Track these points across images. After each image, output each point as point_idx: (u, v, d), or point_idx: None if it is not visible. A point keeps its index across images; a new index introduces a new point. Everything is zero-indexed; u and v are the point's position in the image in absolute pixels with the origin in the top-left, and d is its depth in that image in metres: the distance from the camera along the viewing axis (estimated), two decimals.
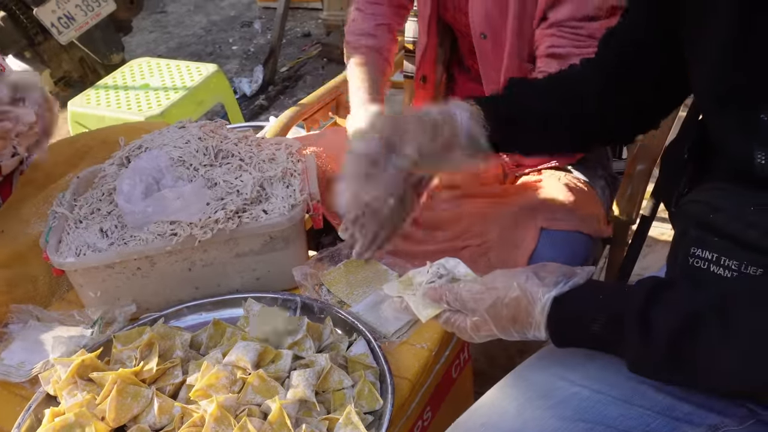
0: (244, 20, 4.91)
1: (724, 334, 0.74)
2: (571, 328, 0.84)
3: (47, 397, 1.07)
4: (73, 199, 1.31)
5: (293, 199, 1.21)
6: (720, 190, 0.88)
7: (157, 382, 1.04)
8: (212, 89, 2.75)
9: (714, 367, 0.75)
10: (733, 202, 0.86)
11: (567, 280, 0.86)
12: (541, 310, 0.84)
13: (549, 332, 0.85)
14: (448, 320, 0.93)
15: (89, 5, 3.32)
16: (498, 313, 0.87)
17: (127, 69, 2.87)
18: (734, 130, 0.86)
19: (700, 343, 0.75)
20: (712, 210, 0.87)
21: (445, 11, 1.55)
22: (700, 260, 0.88)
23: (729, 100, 0.87)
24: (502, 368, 1.01)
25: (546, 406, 0.86)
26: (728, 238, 0.85)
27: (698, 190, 0.92)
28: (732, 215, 0.85)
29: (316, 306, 1.16)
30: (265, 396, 0.97)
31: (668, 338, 0.76)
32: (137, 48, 4.65)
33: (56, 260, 1.17)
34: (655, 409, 0.85)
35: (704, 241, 0.87)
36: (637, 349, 0.79)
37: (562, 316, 0.84)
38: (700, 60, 0.91)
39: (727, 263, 0.85)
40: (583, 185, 1.46)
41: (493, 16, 1.40)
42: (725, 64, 0.86)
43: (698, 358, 0.76)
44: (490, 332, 0.89)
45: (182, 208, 1.15)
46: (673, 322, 0.76)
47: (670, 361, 0.77)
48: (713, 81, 0.89)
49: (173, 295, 1.23)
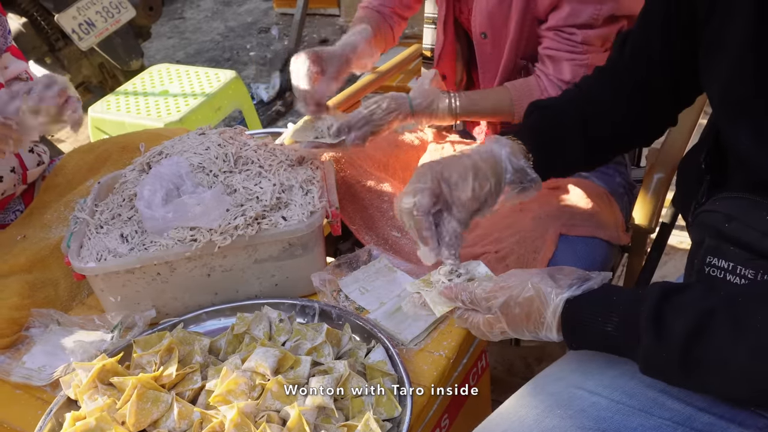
0: (261, 26, 4.94)
1: (735, 332, 0.74)
2: (585, 329, 0.85)
3: (68, 401, 1.08)
4: (94, 204, 1.32)
5: (312, 206, 1.22)
6: (736, 200, 0.88)
7: (177, 387, 1.05)
8: (231, 95, 2.76)
9: (725, 365, 0.75)
10: (749, 212, 0.86)
11: (581, 283, 0.86)
12: (553, 311, 0.85)
13: (563, 334, 0.86)
14: (462, 316, 0.94)
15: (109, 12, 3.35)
16: (511, 311, 0.87)
17: (147, 75, 2.90)
18: (750, 141, 0.86)
19: (712, 342, 0.75)
20: (728, 219, 0.87)
21: (460, 14, 1.57)
22: (716, 269, 0.88)
23: (744, 110, 0.87)
24: (520, 376, 1.01)
25: (565, 415, 0.86)
26: (744, 248, 0.85)
27: (714, 200, 0.92)
28: (748, 224, 0.85)
29: (334, 312, 1.17)
30: (284, 402, 0.97)
31: (682, 338, 0.76)
32: (156, 54, 4.69)
33: (77, 265, 1.18)
34: (674, 419, 0.85)
35: (720, 250, 0.88)
36: (652, 349, 0.79)
37: (576, 317, 0.84)
38: (715, 72, 0.92)
39: (743, 272, 0.86)
40: (602, 192, 1.46)
41: (495, 16, 1.43)
42: (741, 75, 0.86)
43: (710, 357, 0.76)
44: (503, 330, 0.89)
45: (202, 214, 1.16)
46: (687, 322, 0.76)
47: (683, 361, 0.77)
48: (728, 92, 0.89)
49: (192, 300, 1.24)
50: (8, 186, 1.46)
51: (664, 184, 1.44)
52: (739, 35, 0.85)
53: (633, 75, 1.08)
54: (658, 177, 1.44)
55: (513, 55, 1.46)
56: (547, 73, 1.40)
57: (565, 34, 1.37)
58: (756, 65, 0.84)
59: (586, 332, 0.85)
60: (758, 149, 0.85)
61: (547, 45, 1.39)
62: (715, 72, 0.91)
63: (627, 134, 1.14)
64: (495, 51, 1.48)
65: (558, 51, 1.38)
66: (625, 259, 1.55)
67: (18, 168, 1.47)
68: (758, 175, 0.85)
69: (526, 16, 1.40)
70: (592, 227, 1.36)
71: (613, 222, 1.41)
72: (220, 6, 5.41)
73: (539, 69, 1.42)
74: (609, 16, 1.34)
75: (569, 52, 1.37)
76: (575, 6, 1.33)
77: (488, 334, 0.91)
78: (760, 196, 0.86)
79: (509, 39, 1.44)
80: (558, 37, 1.37)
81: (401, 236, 1.46)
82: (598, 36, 1.35)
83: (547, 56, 1.40)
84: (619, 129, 1.12)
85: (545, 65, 1.41)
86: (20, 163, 1.47)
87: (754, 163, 0.86)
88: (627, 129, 1.13)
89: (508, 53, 1.46)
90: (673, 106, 1.11)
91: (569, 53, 1.37)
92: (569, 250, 1.31)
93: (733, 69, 0.87)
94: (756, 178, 0.86)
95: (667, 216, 1.48)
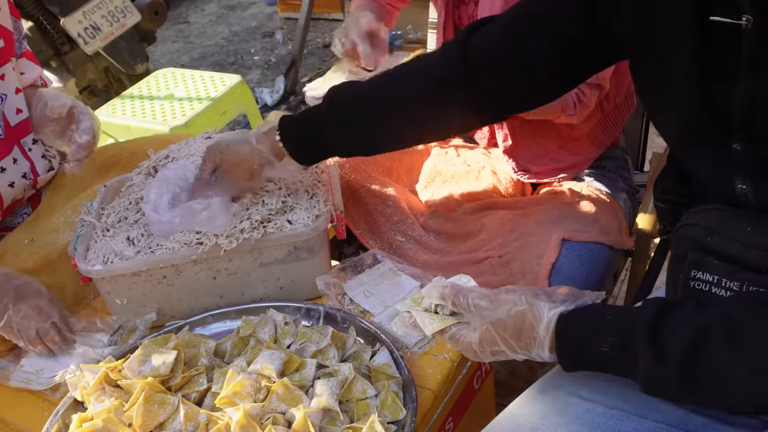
0: (265, 31, 4.96)
1: (732, 350, 0.74)
2: (580, 349, 0.83)
3: (74, 402, 1.09)
4: (101, 207, 1.33)
5: (317, 210, 1.22)
6: (715, 211, 0.88)
7: (183, 390, 1.06)
8: (236, 100, 2.78)
9: (724, 383, 0.75)
10: (730, 224, 0.85)
11: (574, 299, 0.85)
12: (546, 326, 0.83)
13: (557, 355, 0.84)
14: (454, 336, 0.91)
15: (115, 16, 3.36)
16: (503, 326, 0.85)
17: (152, 79, 2.91)
18: (710, 166, 0.86)
19: (710, 360, 0.75)
20: (709, 232, 0.87)
21: (459, 20, 1.57)
22: (701, 282, 0.88)
23: (701, 137, 0.87)
24: (523, 379, 1.01)
25: (561, 423, 0.87)
26: (728, 260, 0.85)
27: (693, 212, 0.91)
28: (730, 237, 0.85)
29: (339, 315, 1.17)
30: (290, 404, 0.98)
31: (679, 357, 0.76)
32: (161, 58, 4.71)
33: (84, 268, 1.19)
34: (668, 422, 0.85)
35: (704, 264, 0.87)
36: (651, 369, 0.78)
37: (570, 335, 0.83)
38: (669, 101, 0.90)
39: (729, 285, 0.85)
40: (605, 197, 1.46)
41: None
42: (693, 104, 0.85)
43: (709, 375, 0.76)
44: (496, 348, 0.87)
45: (209, 220, 1.17)
46: (683, 339, 0.76)
47: (682, 380, 0.77)
48: (684, 121, 0.88)
49: (198, 303, 1.25)
50: (18, 192, 1.47)
51: None
52: (684, 66, 0.84)
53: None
54: None
55: None
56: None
57: None
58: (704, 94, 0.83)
59: (582, 352, 0.83)
60: (717, 175, 0.85)
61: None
62: (669, 101, 0.90)
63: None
64: None
65: None
66: (629, 263, 1.56)
67: (29, 173, 1.48)
68: (725, 196, 0.85)
69: None
70: (596, 232, 1.36)
71: (617, 227, 1.42)
72: (225, 10, 5.43)
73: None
74: None
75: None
76: None
77: (480, 353, 0.89)
78: (740, 207, 0.85)
79: None
80: None
81: (405, 240, 1.47)
82: None
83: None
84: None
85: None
86: (32, 168, 1.48)
87: (718, 186, 0.86)
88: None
89: None
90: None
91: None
92: (573, 256, 1.32)
93: (684, 99, 0.86)
94: (724, 198, 0.86)
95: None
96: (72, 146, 1.40)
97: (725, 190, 0.85)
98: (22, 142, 1.46)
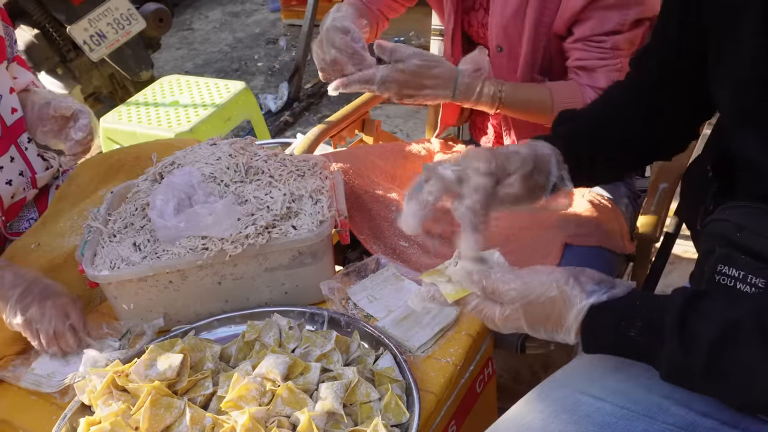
0: (269, 37, 4.98)
1: (764, 345, 0.74)
2: (606, 333, 0.84)
3: (82, 406, 1.10)
4: (108, 213, 1.35)
5: (321, 215, 1.24)
6: (745, 209, 0.89)
7: (189, 393, 1.07)
8: (240, 106, 2.80)
9: (751, 377, 0.76)
10: (760, 221, 0.87)
11: (607, 289, 0.85)
12: (576, 315, 0.84)
13: (581, 336, 0.85)
14: (477, 307, 0.90)
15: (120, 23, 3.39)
16: (532, 309, 0.86)
17: (158, 86, 2.93)
18: (758, 147, 0.87)
19: (739, 354, 0.75)
20: (739, 228, 0.88)
21: (469, 27, 1.58)
22: (726, 278, 0.89)
23: (752, 117, 0.88)
24: (526, 384, 1.02)
25: (571, 420, 0.87)
26: (756, 256, 0.86)
27: (724, 208, 0.92)
28: (759, 233, 0.86)
29: (343, 320, 1.19)
30: (294, 408, 0.99)
31: (708, 347, 0.76)
32: (165, 65, 4.73)
33: (91, 273, 1.21)
34: (677, 424, 0.86)
35: (731, 259, 0.88)
36: (675, 355, 0.79)
37: (598, 323, 0.84)
38: (724, 81, 0.93)
39: (754, 281, 0.86)
40: (607, 202, 1.47)
41: (510, 29, 1.44)
42: (749, 83, 0.87)
43: (736, 369, 0.76)
44: (519, 326, 0.88)
45: (214, 224, 1.18)
46: (712, 331, 0.76)
47: (708, 370, 0.77)
48: (737, 100, 0.91)
49: (204, 308, 1.27)
50: (18, 189, 1.50)
51: (668, 193, 1.46)
52: (747, 44, 0.86)
53: (651, 89, 1.09)
54: (663, 187, 1.46)
55: (528, 69, 1.46)
56: (582, 84, 1.39)
57: (593, 43, 1.36)
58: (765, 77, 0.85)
59: (608, 336, 0.84)
60: (766, 156, 0.86)
61: (578, 56, 1.39)
62: (724, 79, 0.93)
63: (649, 149, 1.15)
64: (510, 65, 1.48)
65: (589, 60, 1.37)
66: (630, 268, 1.57)
67: (27, 171, 1.51)
68: (759, 186, 0.87)
69: (539, 30, 1.40)
70: (597, 237, 1.37)
71: (618, 231, 1.43)
72: (229, 17, 5.46)
73: (575, 81, 1.41)
74: (635, 20, 1.33)
75: (600, 59, 1.36)
76: (601, 15, 1.33)
77: (501, 327, 0.90)
78: None
79: (524, 51, 1.44)
80: (587, 46, 1.37)
81: (408, 245, 1.48)
82: (626, 40, 1.35)
83: (579, 67, 1.39)
84: (641, 144, 1.12)
85: (579, 76, 1.40)
86: (29, 166, 1.52)
87: (764, 172, 0.87)
88: (648, 144, 1.13)
89: (523, 67, 1.46)
90: (691, 117, 1.12)
91: (601, 60, 1.36)
92: (574, 260, 1.33)
93: (741, 76, 0.88)
94: (765, 184, 0.87)
95: (671, 225, 1.49)
96: (69, 143, 1.48)
97: None
98: (18, 141, 1.50)
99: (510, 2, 1.40)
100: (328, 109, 3.85)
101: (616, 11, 1.33)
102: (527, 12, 1.39)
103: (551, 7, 1.37)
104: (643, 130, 1.11)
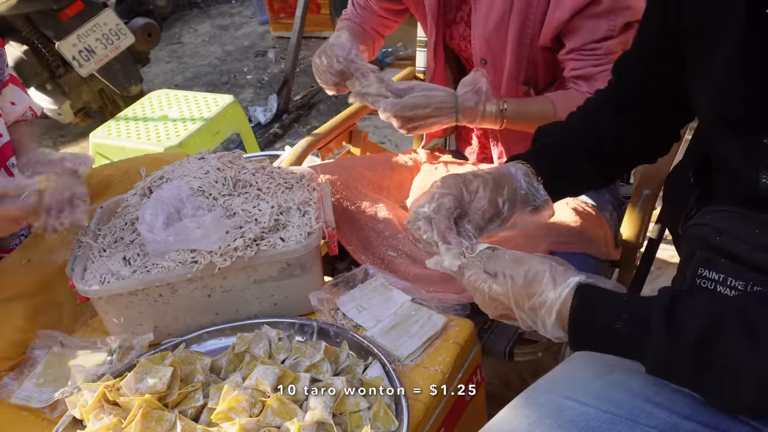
0: (258, 50, 5.00)
1: (750, 341, 0.76)
2: (592, 325, 0.86)
3: (73, 421, 1.10)
4: (98, 228, 1.35)
5: (309, 227, 1.25)
6: (724, 213, 0.91)
7: (179, 406, 1.07)
8: (229, 120, 2.81)
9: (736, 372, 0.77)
10: (738, 224, 0.89)
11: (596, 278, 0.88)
12: (560, 292, 0.86)
13: (568, 325, 0.87)
14: (471, 278, 0.94)
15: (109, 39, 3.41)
16: (518, 279, 0.89)
17: (147, 101, 2.95)
18: (739, 154, 0.89)
19: (724, 347, 0.77)
20: (718, 233, 0.90)
21: (450, 40, 1.60)
22: (707, 281, 0.91)
23: (733, 126, 0.90)
24: (515, 390, 1.02)
25: (555, 425, 0.88)
26: (734, 260, 0.88)
27: (704, 213, 0.94)
28: (737, 237, 0.88)
29: (332, 330, 1.20)
30: (284, 418, 1.00)
31: (694, 338, 0.78)
32: (154, 78, 4.74)
33: (82, 288, 1.21)
34: (660, 427, 0.87)
35: (712, 263, 0.90)
36: (663, 347, 0.80)
37: (584, 310, 0.86)
38: (703, 87, 0.95)
39: (734, 284, 0.88)
40: (591, 209, 1.49)
41: (494, 42, 1.45)
42: (729, 94, 0.89)
43: (721, 362, 0.78)
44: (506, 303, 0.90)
45: (203, 237, 1.19)
46: (699, 323, 0.78)
47: (694, 361, 0.79)
48: (716, 108, 0.92)
49: (194, 320, 1.27)
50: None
51: (651, 199, 1.47)
52: (727, 55, 0.88)
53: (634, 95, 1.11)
54: (646, 193, 1.48)
55: (513, 81, 1.48)
56: (583, 92, 1.40)
57: (587, 52, 1.38)
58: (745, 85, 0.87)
59: (594, 328, 0.86)
60: (747, 164, 0.88)
61: (573, 67, 1.41)
62: (704, 88, 0.94)
63: (631, 153, 1.17)
64: (495, 77, 1.50)
65: (586, 68, 1.39)
66: (616, 274, 1.59)
67: None
68: (747, 187, 0.88)
69: (522, 42, 1.42)
70: (582, 244, 1.39)
71: (603, 238, 1.45)
72: (218, 30, 5.48)
73: (574, 90, 1.43)
74: (625, 24, 1.35)
75: (596, 65, 1.38)
76: (590, 24, 1.35)
77: (489, 304, 0.93)
78: (749, 209, 0.88)
79: (508, 63, 1.46)
80: (581, 56, 1.39)
81: (396, 255, 1.49)
82: (619, 43, 1.37)
83: (577, 77, 1.41)
84: (622, 148, 1.15)
85: (579, 85, 1.41)
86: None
87: (743, 175, 0.89)
88: (630, 148, 1.15)
89: (508, 79, 1.48)
90: (673, 120, 1.14)
91: (597, 66, 1.38)
92: None
93: (721, 87, 0.90)
94: (745, 189, 0.88)
95: (654, 231, 1.51)
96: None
97: (750, 179, 0.87)
98: (7, 164, 1.51)
99: (492, 16, 1.42)
100: (317, 121, 3.87)
101: (604, 19, 1.35)
102: (510, 25, 1.41)
103: (533, 18, 1.39)
104: (624, 134, 1.13)
